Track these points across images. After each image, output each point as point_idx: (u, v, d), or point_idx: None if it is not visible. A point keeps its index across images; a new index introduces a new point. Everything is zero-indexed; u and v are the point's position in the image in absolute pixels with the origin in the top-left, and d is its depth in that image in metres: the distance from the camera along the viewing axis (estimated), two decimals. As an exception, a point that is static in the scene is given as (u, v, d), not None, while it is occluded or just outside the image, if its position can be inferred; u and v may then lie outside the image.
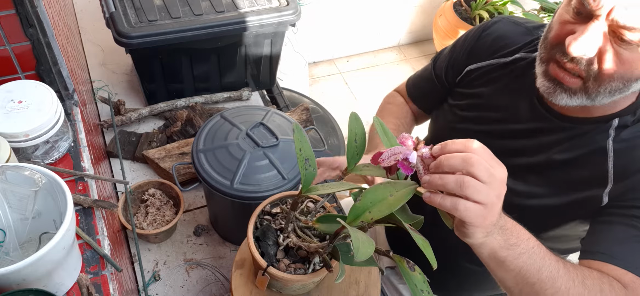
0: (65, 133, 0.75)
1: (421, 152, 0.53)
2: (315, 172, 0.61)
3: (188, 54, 1.11)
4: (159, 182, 0.99)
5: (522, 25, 0.85)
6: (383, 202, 0.53)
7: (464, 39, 0.91)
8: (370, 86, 2.75)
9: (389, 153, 0.53)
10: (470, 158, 0.50)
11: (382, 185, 0.54)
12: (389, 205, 0.52)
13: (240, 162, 0.82)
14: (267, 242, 0.68)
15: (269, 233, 0.68)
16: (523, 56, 0.81)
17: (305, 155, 0.60)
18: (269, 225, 0.70)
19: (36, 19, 0.70)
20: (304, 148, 0.60)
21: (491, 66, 0.85)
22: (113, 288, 0.64)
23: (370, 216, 0.53)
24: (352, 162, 0.61)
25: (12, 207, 0.57)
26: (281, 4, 1.13)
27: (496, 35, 0.86)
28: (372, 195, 0.54)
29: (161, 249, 0.96)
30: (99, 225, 0.70)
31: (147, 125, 1.17)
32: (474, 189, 0.50)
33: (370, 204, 0.53)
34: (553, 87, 0.69)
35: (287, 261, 0.67)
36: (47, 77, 0.78)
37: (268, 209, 0.73)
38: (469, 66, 0.88)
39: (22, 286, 0.52)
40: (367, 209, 0.53)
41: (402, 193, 0.53)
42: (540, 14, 2.71)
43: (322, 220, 0.64)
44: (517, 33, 0.84)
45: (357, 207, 0.54)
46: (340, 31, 2.73)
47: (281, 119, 0.92)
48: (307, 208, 0.71)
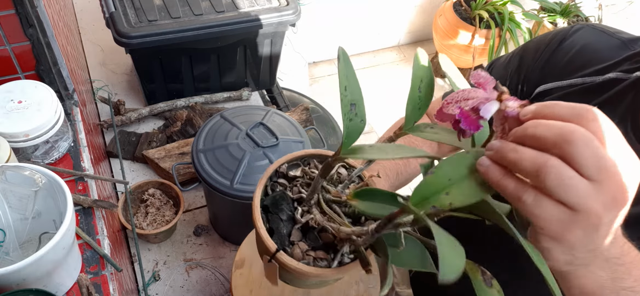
0: (65, 133, 0.75)
1: (506, 105, 0.35)
2: (364, 124, 0.43)
3: (188, 54, 1.11)
4: (158, 182, 0.99)
5: (614, 36, 0.67)
6: (469, 179, 0.35)
7: (536, 50, 0.71)
8: (370, 86, 2.75)
9: (457, 95, 0.36)
10: (573, 132, 0.31)
11: (468, 155, 0.36)
12: (477, 188, 0.35)
13: (240, 162, 0.82)
14: (280, 216, 0.50)
15: (283, 204, 0.51)
16: (618, 76, 0.62)
17: (352, 98, 0.42)
18: (284, 192, 0.52)
19: (36, 19, 0.70)
20: (351, 88, 0.43)
21: (573, 88, 0.65)
22: (113, 288, 0.64)
23: (448, 200, 0.34)
24: (411, 117, 0.44)
25: (12, 207, 0.57)
26: (281, 4, 1.13)
27: (580, 46, 0.67)
28: (453, 168, 0.36)
29: (161, 249, 0.96)
30: (98, 225, 0.70)
31: (147, 125, 1.17)
32: (560, 181, 0.32)
33: (448, 182, 0.35)
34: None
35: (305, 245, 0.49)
36: (47, 77, 0.78)
37: (284, 170, 0.54)
38: (541, 86, 0.68)
39: (22, 286, 0.52)
40: (445, 189, 0.35)
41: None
42: (540, 13, 2.71)
43: (362, 195, 0.46)
44: (609, 46, 0.65)
45: (429, 184, 0.35)
46: (340, 31, 2.73)
47: (281, 119, 0.92)
48: (338, 175, 0.53)
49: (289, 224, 0.50)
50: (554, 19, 2.69)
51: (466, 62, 2.63)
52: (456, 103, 0.36)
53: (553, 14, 2.70)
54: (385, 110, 2.60)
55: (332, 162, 0.46)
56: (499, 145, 0.34)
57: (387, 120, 2.53)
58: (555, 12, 2.71)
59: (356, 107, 0.43)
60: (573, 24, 2.76)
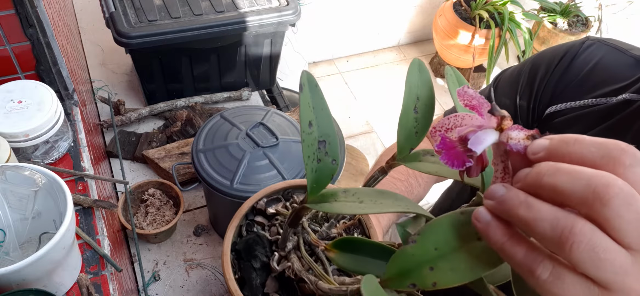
0: (65, 133, 0.75)
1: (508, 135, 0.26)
2: (336, 166, 0.35)
3: (188, 54, 1.11)
4: (158, 182, 0.99)
5: (628, 53, 0.62)
6: (463, 251, 0.27)
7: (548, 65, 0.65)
8: (370, 86, 2.75)
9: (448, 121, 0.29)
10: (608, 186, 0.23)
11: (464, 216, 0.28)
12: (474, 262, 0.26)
13: (240, 162, 0.82)
14: (252, 264, 0.43)
15: (257, 249, 0.44)
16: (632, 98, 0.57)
17: (320, 134, 0.34)
18: (259, 235, 0.45)
19: (36, 19, 0.70)
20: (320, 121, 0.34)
21: (585, 110, 0.61)
22: (113, 288, 0.64)
23: (431, 279, 0.27)
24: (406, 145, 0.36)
25: (12, 207, 0.57)
26: (281, 4, 1.13)
27: (592, 65, 0.62)
28: (442, 234, 0.28)
29: (161, 249, 0.96)
30: (98, 225, 0.70)
31: (147, 125, 1.17)
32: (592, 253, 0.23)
33: (435, 252, 0.27)
34: None
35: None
36: (47, 77, 0.78)
37: (262, 206, 0.49)
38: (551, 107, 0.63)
39: (22, 286, 0.52)
40: (429, 262, 0.27)
41: None
42: (540, 13, 2.71)
43: (343, 245, 0.38)
44: (623, 65, 0.60)
45: (408, 256, 0.28)
46: (340, 31, 2.73)
47: (281, 119, 0.92)
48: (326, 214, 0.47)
49: (264, 273, 0.42)
50: (554, 19, 2.69)
51: (466, 62, 2.63)
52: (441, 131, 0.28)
53: (553, 14, 2.70)
54: (385, 110, 2.60)
55: (300, 211, 0.38)
56: (503, 194, 0.25)
57: (387, 120, 2.53)
58: (555, 12, 2.71)
59: (327, 144, 0.34)
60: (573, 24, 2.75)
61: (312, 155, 0.34)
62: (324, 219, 0.45)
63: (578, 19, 2.72)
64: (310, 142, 0.34)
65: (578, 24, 2.70)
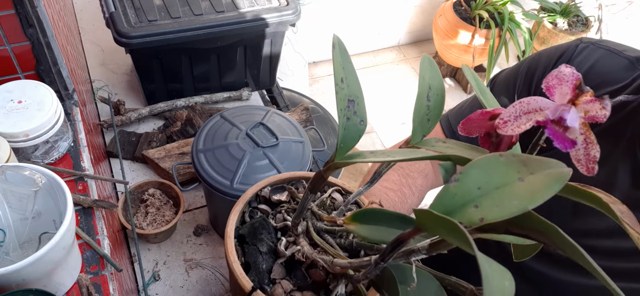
0: (65, 133, 0.75)
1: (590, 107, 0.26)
2: (364, 126, 0.36)
3: (188, 54, 1.11)
4: (158, 182, 0.99)
5: (621, 54, 0.62)
6: (506, 188, 0.26)
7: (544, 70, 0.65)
8: (370, 86, 2.75)
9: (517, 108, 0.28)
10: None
11: (503, 158, 0.28)
12: (520, 198, 0.26)
13: (240, 162, 0.82)
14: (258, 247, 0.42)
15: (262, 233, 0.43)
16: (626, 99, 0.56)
17: (350, 93, 0.35)
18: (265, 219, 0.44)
19: (36, 19, 0.70)
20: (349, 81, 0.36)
21: None
22: (113, 288, 0.64)
23: (478, 214, 0.26)
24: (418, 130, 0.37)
25: (12, 207, 0.57)
26: (281, 4, 1.13)
27: (588, 68, 0.62)
28: (484, 174, 0.27)
29: (161, 249, 0.96)
30: (98, 225, 0.70)
31: (147, 125, 1.17)
32: None
33: (478, 191, 0.27)
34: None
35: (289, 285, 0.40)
36: (47, 77, 0.78)
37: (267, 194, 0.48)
38: None
39: (22, 286, 0.52)
40: (473, 200, 0.27)
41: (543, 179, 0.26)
42: (540, 13, 2.71)
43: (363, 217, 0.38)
44: (617, 67, 0.60)
45: (452, 194, 0.27)
46: (340, 31, 2.73)
47: (281, 119, 0.92)
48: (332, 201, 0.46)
49: (270, 258, 0.42)
50: (554, 19, 2.69)
51: (466, 62, 2.63)
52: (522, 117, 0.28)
53: (553, 14, 2.70)
54: (385, 110, 2.60)
55: (324, 172, 0.38)
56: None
57: (387, 120, 2.53)
58: (555, 12, 2.71)
59: (356, 104, 0.35)
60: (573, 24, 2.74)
61: (343, 111, 0.35)
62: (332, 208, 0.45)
63: (578, 19, 2.72)
64: (342, 97, 0.35)
65: (578, 24, 2.70)
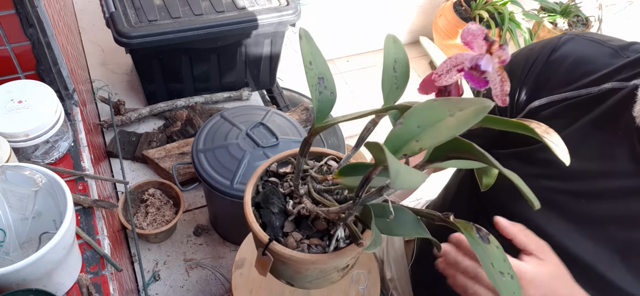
0: (65, 133, 0.75)
1: (498, 54, 0.33)
2: (334, 97, 0.43)
3: (188, 54, 1.11)
4: (159, 182, 0.99)
5: (605, 44, 0.64)
6: (440, 124, 0.34)
7: (523, 62, 0.68)
8: (370, 86, 2.75)
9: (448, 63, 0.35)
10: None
11: (436, 102, 0.36)
12: (449, 128, 0.33)
13: (240, 162, 0.82)
14: (271, 210, 0.51)
15: (273, 198, 0.52)
16: (616, 86, 0.59)
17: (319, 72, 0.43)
18: (275, 187, 0.54)
19: (36, 19, 0.70)
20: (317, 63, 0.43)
21: (569, 101, 0.62)
22: (113, 288, 0.64)
23: (418, 145, 0.34)
24: (390, 97, 0.45)
25: (12, 207, 0.57)
26: (281, 4, 1.13)
27: (573, 58, 0.64)
28: (422, 114, 0.35)
29: (161, 249, 0.96)
30: (99, 225, 0.70)
31: (147, 125, 1.17)
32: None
33: (417, 129, 0.35)
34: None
35: (299, 235, 0.50)
36: (47, 76, 0.78)
37: (274, 168, 0.57)
38: (534, 102, 0.65)
39: (22, 286, 0.52)
40: (414, 136, 0.35)
41: (470, 112, 0.33)
42: (540, 13, 2.71)
43: (346, 171, 0.47)
44: (602, 55, 0.62)
45: (398, 134, 0.35)
46: (340, 31, 2.73)
47: (281, 119, 0.92)
48: (328, 167, 0.54)
49: (282, 217, 0.51)
50: (554, 19, 2.69)
51: (466, 62, 2.63)
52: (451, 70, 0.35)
53: (553, 14, 2.70)
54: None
55: (309, 138, 0.47)
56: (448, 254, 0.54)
57: (387, 120, 2.53)
58: (555, 12, 2.71)
59: (324, 80, 0.43)
60: (573, 24, 2.75)
61: (314, 88, 0.43)
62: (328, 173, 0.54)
63: (578, 19, 2.72)
64: (312, 76, 0.43)
65: (578, 24, 2.70)
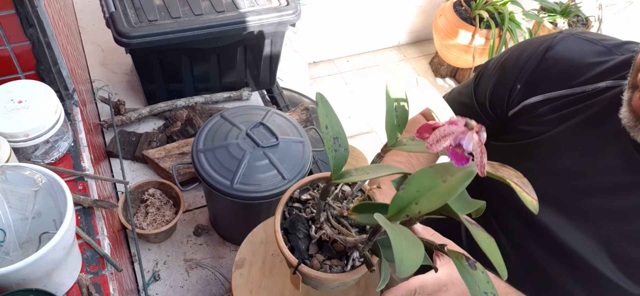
0: (65, 133, 0.75)
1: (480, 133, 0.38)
2: (347, 153, 0.51)
3: (188, 54, 1.11)
4: (159, 182, 0.99)
5: (599, 43, 0.66)
6: (434, 189, 0.42)
7: (516, 60, 0.70)
8: (370, 86, 2.75)
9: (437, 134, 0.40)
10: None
11: (431, 169, 0.43)
12: (442, 195, 0.41)
13: (240, 162, 0.82)
14: (297, 235, 0.59)
15: (298, 224, 0.60)
16: (609, 85, 0.61)
17: (334, 133, 0.50)
18: (299, 214, 0.61)
19: (36, 19, 0.70)
20: (332, 125, 0.50)
21: (564, 98, 0.64)
22: (113, 288, 0.64)
23: (417, 208, 0.43)
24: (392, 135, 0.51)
25: (12, 207, 0.57)
26: (281, 4, 1.13)
27: (568, 57, 0.66)
28: (420, 182, 0.43)
29: (161, 249, 0.96)
30: (99, 225, 0.70)
31: (147, 125, 1.17)
32: None
33: (417, 193, 0.43)
34: (634, 121, 0.55)
35: (322, 256, 0.58)
36: (47, 76, 0.78)
37: (297, 195, 0.64)
38: (530, 99, 0.67)
39: (22, 286, 0.52)
40: (414, 200, 0.43)
41: (458, 179, 0.41)
42: (540, 13, 2.71)
43: (359, 208, 0.54)
44: (596, 53, 0.65)
45: (401, 198, 0.44)
46: (340, 31, 2.73)
47: (281, 119, 0.92)
48: (343, 192, 0.61)
49: (306, 241, 0.59)
50: (554, 19, 2.69)
51: (466, 62, 2.63)
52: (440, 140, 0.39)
53: (553, 14, 2.70)
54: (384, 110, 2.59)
55: (327, 187, 0.55)
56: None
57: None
58: (555, 12, 2.71)
59: (339, 139, 0.51)
60: (573, 24, 2.75)
61: (331, 147, 0.50)
62: (343, 198, 0.61)
63: (578, 19, 2.72)
64: (329, 138, 0.50)
65: (578, 24, 2.70)
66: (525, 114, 0.68)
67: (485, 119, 0.74)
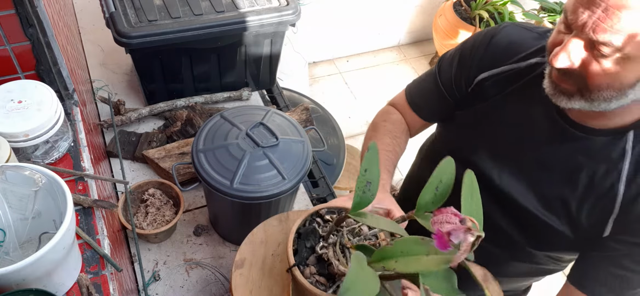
0: (65, 133, 0.75)
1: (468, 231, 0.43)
2: (373, 198, 0.56)
3: (188, 54, 1.11)
4: (158, 182, 0.99)
5: (533, 30, 0.82)
6: (415, 258, 0.47)
7: (471, 47, 0.86)
8: (370, 86, 2.75)
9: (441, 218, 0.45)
10: None
11: (423, 240, 0.47)
12: (420, 265, 0.46)
13: (240, 162, 0.82)
14: (305, 243, 0.65)
15: (311, 236, 0.66)
16: (539, 61, 0.77)
17: (369, 178, 0.55)
18: (316, 228, 0.67)
19: (36, 19, 0.70)
20: (371, 172, 0.55)
21: (505, 73, 0.80)
22: (113, 288, 0.64)
23: (394, 265, 0.47)
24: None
25: (12, 207, 0.57)
26: (281, 4, 1.13)
27: (508, 41, 0.82)
28: (406, 245, 0.48)
29: (161, 249, 0.96)
30: (98, 224, 0.70)
31: (147, 125, 1.17)
32: None
33: (399, 253, 0.48)
34: (553, 89, 0.68)
35: (314, 269, 0.63)
36: (47, 77, 0.78)
37: (323, 212, 0.70)
38: (480, 75, 0.83)
39: (22, 286, 0.52)
40: (395, 257, 0.48)
41: (439, 259, 0.45)
42: (540, 13, 2.70)
43: (360, 248, 0.58)
44: (530, 38, 0.80)
45: (386, 250, 0.49)
46: (340, 31, 2.73)
47: (281, 119, 0.92)
48: (360, 230, 0.67)
49: (310, 251, 0.65)
50: (554, 19, 2.68)
51: (466, 62, 2.64)
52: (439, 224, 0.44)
53: (553, 13, 2.70)
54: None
55: (343, 218, 0.62)
56: None
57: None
58: (555, 11, 2.71)
59: (371, 185, 0.56)
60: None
61: (361, 188, 0.56)
62: (358, 234, 0.66)
63: (578, 19, 2.71)
64: (362, 181, 0.55)
65: (578, 24, 2.70)
66: (478, 89, 0.84)
67: (450, 99, 0.89)
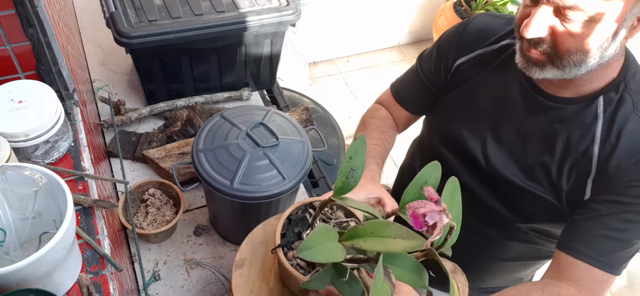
0: (65, 133, 0.75)
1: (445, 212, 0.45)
2: (356, 184, 0.58)
3: (188, 54, 1.11)
4: (159, 182, 0.99)
5: (502, 17, 0.91)
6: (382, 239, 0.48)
7: (447, 38, 0.94)
8: (370, 86, 2.75)
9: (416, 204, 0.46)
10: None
11: (393, 224, 0.49)
12: (386, 246, 0.47)
13: (240, 162, 0.82)
14: (293, 229, 0.69)
15: (300, 223, 0.70)
16: (509, 42, 0.84)
17: (354, 165, 0.57)
18: (305, 216, 0.71)
19: (36, 19, 0.70)
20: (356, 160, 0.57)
21: (480, 56, 0.88)
22: (113, 287, 0.64)
23: (362, 244, 0.49)
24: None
25: (12, 207, 0.57)
26: (281, 4, 1.13)
27: (480, 27, 0.89)
28: (376, 227, 0.49)
29: (161, 249, 0.96)
30: (99, 224, 0.70)
31: (147, 125, 1.17)
32: None
33: (369, 233, 0.49)
34: (525, 62, 0.73)
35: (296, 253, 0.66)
36: (47, 77, 0.78)
37: (317, 204, 0.73)
38: (457, 61, 0.90)
39: (22, 286, 0.52)
40: (364, 236, 0.49)
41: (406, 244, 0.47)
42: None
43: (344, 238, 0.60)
44: (500, 23, 0.88)
45: (357, 229, 0.50)
46: (340, 31, 2.73)
47: (281, 119, 0.92)
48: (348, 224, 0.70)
49: (296, 236, 0.69)
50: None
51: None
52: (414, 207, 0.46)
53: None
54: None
55: (327, 202, 0.64)
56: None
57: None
58: None
59: (355, 173, 0.58)
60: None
61: (344, 173, 0.57)
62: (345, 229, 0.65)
63: (578, 19, 2.71)
64: (347, 167, 0.57)
65: (578, 24, 2.70)
66: (456, 74, 0.91)
67: (432, 88, 0.96)
